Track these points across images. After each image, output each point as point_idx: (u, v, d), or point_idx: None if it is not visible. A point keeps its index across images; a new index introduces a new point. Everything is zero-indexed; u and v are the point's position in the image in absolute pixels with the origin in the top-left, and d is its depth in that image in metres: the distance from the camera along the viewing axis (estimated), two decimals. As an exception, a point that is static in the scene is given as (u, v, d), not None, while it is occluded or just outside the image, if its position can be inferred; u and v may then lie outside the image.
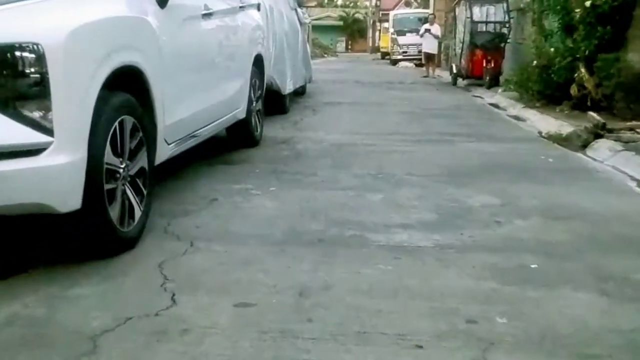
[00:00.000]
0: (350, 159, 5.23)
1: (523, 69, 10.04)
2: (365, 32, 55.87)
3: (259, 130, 5.85)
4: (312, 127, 7.17)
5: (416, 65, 25.93)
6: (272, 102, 8.09)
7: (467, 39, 13.69)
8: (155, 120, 3.18)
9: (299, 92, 10.37)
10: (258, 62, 5.78)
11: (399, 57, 27.53)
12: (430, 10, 28.44)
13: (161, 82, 3.19)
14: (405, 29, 27.90)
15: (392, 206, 3.75)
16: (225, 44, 4.70)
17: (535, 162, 5.24)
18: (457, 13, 15.13)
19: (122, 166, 2.81)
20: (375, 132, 6.86)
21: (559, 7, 9.12)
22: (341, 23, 54.71)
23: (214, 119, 4.43)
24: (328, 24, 52.31)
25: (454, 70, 14.71)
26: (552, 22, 9.70)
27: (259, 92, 5.88)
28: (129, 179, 2.88)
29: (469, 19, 13.52)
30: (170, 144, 3.48)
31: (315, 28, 44.81)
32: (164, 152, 3.38)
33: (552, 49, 9.12)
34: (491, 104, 10.49)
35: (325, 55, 42.67)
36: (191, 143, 3.98)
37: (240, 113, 5.20)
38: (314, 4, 64.32)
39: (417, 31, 27.63)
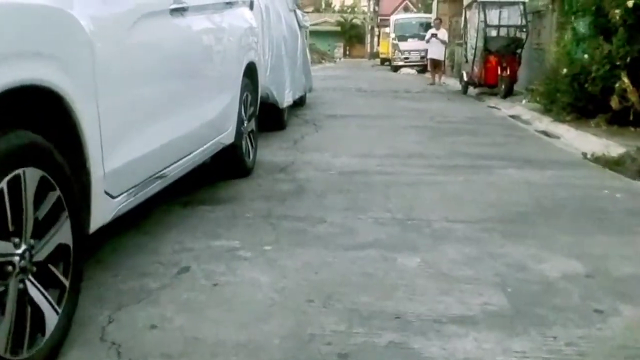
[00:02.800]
0: (366, 194, 4.12)
1: (550, 78, 8.95)
2: (364, 37, 54.95)
3: (251, 156, 4.74)
4: (315, 147, 6.06)
5: (418, 71, 24.93)
6: (268, 116, 7.00)
7: (481, 44, 12.61)
8: (87, 166, 2.07)
9: (298, 103, 9.27)
10: (250, 72, 4.68)
11: (401, 63, 26.49)
12: (432, 15, 27.47)
13: (96, 108, 2.09)
14: (407, 34, 26.88)
15: (436, 279, 2.65)
16: (205, 50, 3.61)
17: (600, 200, 4.14)
18: (468, 17, 14.06)
19: (19, 252, 1.71)
20: (391, 153, 5.76)
21: (593, 8, 8.06)
22: (339, 28, 53.75)
23: (191, 150, 3.33)
24: (325, 30, 51.35)
25: (465, 78, 13.63)
26: (582, 25, 8.64)
27: (252, 109, 4.78)
28: (33, 269, 1.78)
29: (483, 23, 12.44)
30: (118, 196, 2.37)
31: (313, 33, 43.74)
32: (105, 210, 2.28)
33: (585, 56, 8.05)
34: (512, 117, 9.41)
35: (323, 61, 41.70)
36: (156, 187, 2.87)
37: (228, 137, 4.10)
38: (311, 9, 63.44)
39: (418, 36, 26.74)
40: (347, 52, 55.63)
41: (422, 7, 40.80)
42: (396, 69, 26.39)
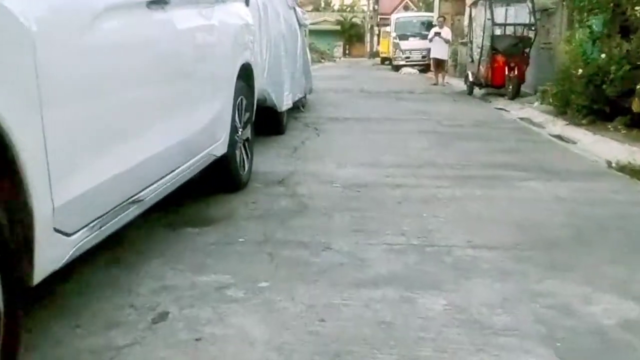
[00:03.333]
0: (376, 213, 3.65)
1: (563, 79, 8.47)
2: (363, 36, 54.48)
3: (246, 167, 4.27)
4: (316, 155, 5.59)
5: (420, 71, 24.45)
6: (266, 120, 6.54)
7: (487, 43, 12.13)
8: (29, 204, 1.60)
9: (298, 105, 8.80)
10: (246, 73, 4.21)
11: (402, 62, 25.97)
12: (434, 14, 27.00)
13: (41, 129, 1.62)
14: (408, 33, 26.36)
15: (468, 329, 2.17)
16: (192, 50, 3.13)
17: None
18: (473, 14, 13.58)
19: None
20: (400, 162, 5.29)
21: (611, 5, 7.60)
22: (338, 27, 53.25)
23: (174, 167, 2.86)
24: (325, 29, 50.86)
25: (470, 79, 13.14)
26: (596, 24, 8.17)
27: (247, 114, 4.31)
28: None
29: (490, 21, 11.96)
30: (75, 233, 1.89)
31: (312, 33, 43.18)
32: (56, 253, 1.80)
33: (602, 55, 7.58)
34: (522, 119, 8.94)
35: (323, 61, 41.26)
36: (131, 214, 2.39)
37: (219, 148, 3.63)
38: (310, 8, 62.97)
39: (420, 35, 26.26)
40: (347, 52, 55.16)
41: (422, 6, 40.37)
42: (397, 68, 25.89)
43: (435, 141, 6.56)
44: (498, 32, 12.06)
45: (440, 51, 16.42)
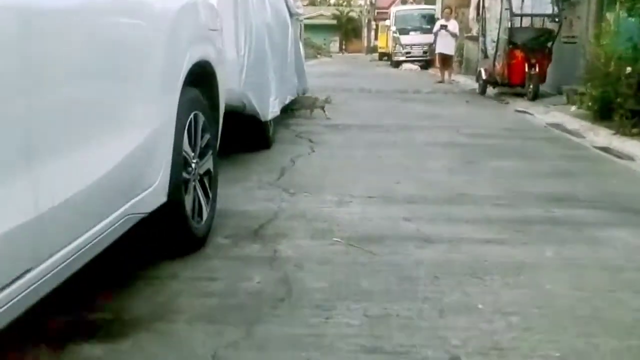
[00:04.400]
0: (402, 304, 2.25)
1: (605, 80, 7.08)
2: (360, 31, 53.09)
3: (204, 216, 2.87)
4: (310, 182, 4.20)
5: (421, 67, 23.08)
6: (247, 131, 5.18)
7: (504, 37, 10.73)
8: None
9: (289, 109, 7.41)
10: (203, 77, 2.84)
11: (402, 58, 24.56)
12: (436, 7, 25.63)
13: None
14: (409, 27, 24.93)
15: None
16: (83, 52, 1.74)
17: None
18: (486, 5, 12.16)
19: None
20: (421, 194, 3.90)
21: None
22: (335, 22, 51.82)
23: (54, 248, 1.48)
24: (321, 23, 49.46)
25: (484, 76, 11.72)
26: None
27: (207, 137, 2.92)
28: None
29: (507, 11, 10.55)
30: None
31: (308, 27, 41.73)
32: None
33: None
34: (553, 125, 7.57)
35: (319, 56, 39.94)
36: None
37: (150, 199, 2.24)
38: (305, 2, 61.58)
39: (421, 29, 24.85)
40: (344, 47, 53.77)
41: (422, -1, 38.84)
42: (397, 64, 24.49)
43: (459, 158, 5.18)
44: (517, 24, 10.68)
45: (447, 46, 15.01)
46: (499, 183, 4.26)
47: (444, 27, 14.92)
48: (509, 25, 10.55)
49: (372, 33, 50.40)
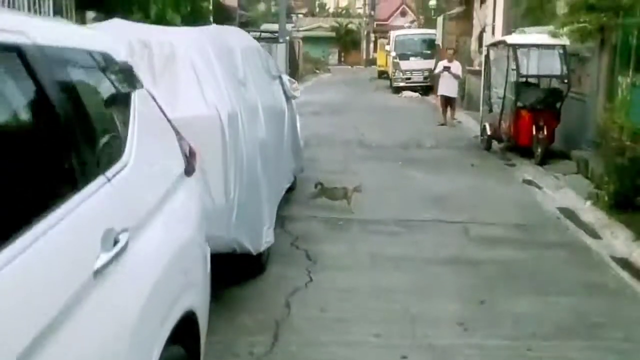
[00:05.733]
0: None
1: (621, 173, 6.62)
2: (359, 43, 52.76)
3: None
4: (312, 341, 3.73)
5: (421, 94, 22.70)
6: (237, 257, 4.70)
7: (511, 96, 10.28)
8: None
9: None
10: (188, 329, 2.36)
11: (402, 84, 24.19)
12: (436, 32, 25.25)
13: None
14: (409, 52, 24.56)
15: None
16: None
17: None
18: (492, 57, 11.69)
19: None
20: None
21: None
22: (333, 34, 51.39)
23: None
24: (320, 35, 49.08)
25: (489, 132, 11.27)
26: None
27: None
28: None
29: (515, 72, 10.09)
30: None
31: (306, 40, 41.28)
32: None
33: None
34: (564, 212, 7.17)
35: (317, 71, 39.52)
36: None
37: None
38: (304, 11, 61.09)
39: (421, 55, 24.45)
40: (342, 59, 53.40)
41: (421, 11, 38.34)
42: (397, 90, 24.09)
43: (469, 293, 4.71)
44: (523, 83, 10.23)
45: (449, 88, 14.58)
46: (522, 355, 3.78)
47: (446, 68, 14.47)
48: (515, 82, 10.09)
49: (372, 45, 50.06)
